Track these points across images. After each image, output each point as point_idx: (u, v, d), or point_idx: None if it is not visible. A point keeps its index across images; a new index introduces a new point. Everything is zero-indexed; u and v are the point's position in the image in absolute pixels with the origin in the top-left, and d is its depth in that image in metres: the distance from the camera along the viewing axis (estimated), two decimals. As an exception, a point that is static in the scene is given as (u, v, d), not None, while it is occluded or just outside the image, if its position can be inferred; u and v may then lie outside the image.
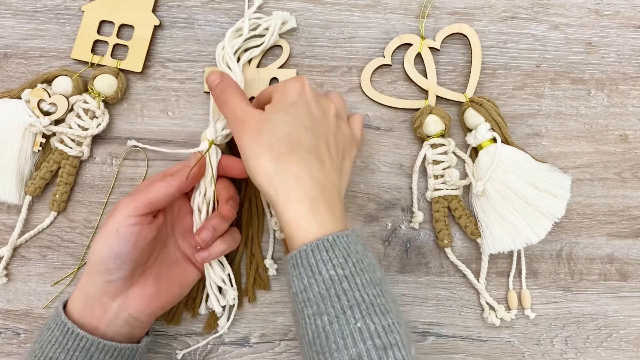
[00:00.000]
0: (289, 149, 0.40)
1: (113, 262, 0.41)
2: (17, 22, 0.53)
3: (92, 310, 0.42)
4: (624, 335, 0.52)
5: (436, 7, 0.55)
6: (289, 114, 0.41)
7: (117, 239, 0.41)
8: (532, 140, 0.54)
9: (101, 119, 0.51)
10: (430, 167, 0.52)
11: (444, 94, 0.53)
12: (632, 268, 0.53)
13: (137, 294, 0.43)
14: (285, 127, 0.40)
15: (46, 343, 0.41)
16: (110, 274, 0.41)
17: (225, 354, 0.51)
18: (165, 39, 0.54)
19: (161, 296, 0.44)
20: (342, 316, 0.35)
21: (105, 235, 0.41)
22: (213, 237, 0.44)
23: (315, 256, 0.37)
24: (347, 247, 0.38)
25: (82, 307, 0.42)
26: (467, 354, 0.52)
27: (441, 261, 0.52)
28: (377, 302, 0.36)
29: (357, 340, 0.35)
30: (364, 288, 0.36)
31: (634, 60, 0.55)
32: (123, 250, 0.41)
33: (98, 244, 0.41)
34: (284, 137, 0.40)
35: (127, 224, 0.41)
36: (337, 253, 0.37)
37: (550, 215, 0.48)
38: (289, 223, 0.39)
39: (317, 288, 0.36)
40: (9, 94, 0.51)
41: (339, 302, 0.36)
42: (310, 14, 0.54)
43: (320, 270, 0.37)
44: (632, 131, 0.54)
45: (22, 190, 0.51)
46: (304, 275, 0.37)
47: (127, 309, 0.42)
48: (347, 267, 0.37)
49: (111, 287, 0.42)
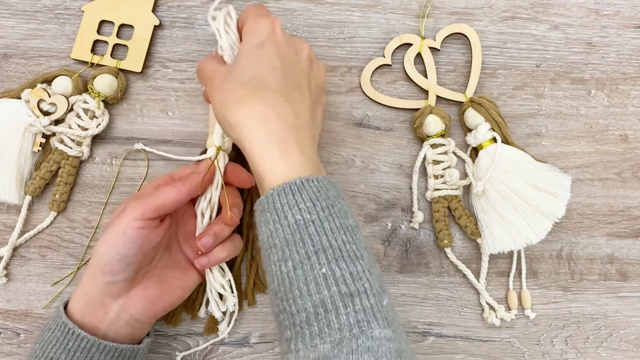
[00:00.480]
0: (253, 90, 0.37)
1: (118, 264, 0.41)
2: (17, 22, 0.53)
3: (94, 310, 0.42)
4: (624, 335, 0.52)
5: (436, 7, 0.55)
6: (254, 56, 0.39)
7: (123, 241, 0.40)
8: (532, 140, 0.54)
9: (101, 119, 0.51)
10: (430, 167, 0.52)
11: (444, 94, 0.53)
12: (632, 268, 0.53)
13: (139, 295, 0.43)
14: (249, 70, 0.38)
15: (47, 343, 0.41)
16: (114, 276, 0.41)
17: (225, 354, 0.51)
18: (165, 39, 0.54)
19: (163, 298, 0.44)
20: (306, 262, 0.33)
21: (111, 237, 0.41)
22: (214, 243, 0.44)
23: (282, 200, 0.35)
24: (317, 192, 0.35)
25: (83, 308, 0.42)
26: (467, 354, 0.52)
27: (441, 261, 0.52)
28: (347, 248, 0.34)
29: (322, 286, 0.33)
30: (332, 233, 0.34)
31: (634, 60, 0.55)
32: (128, 253, 0.41)
33: (103, 245, 0.41)
34: (248, 80, 0.38)
35: (135, 227, 0.41)
36: (304, 197, 0.35)
37: (550, 215, 0.48)
38: (256, 164, 0.36)
39: (283, 233, 0.34)
40: (9, 94, 0.51)
41: (304, 247, 0.34)
42: (310, 14, 0.54)
43: (286, 215, 0.34)
44: (632, 131, 0.54)
45: (22, 190, 0.51)
46: (270, 220, 0.35)
47: (129, 310, 0.42)
48: (315, 212, 0.34)
49: (114, 288, 0.42)
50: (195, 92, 0.53)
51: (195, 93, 0.53)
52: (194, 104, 0.53)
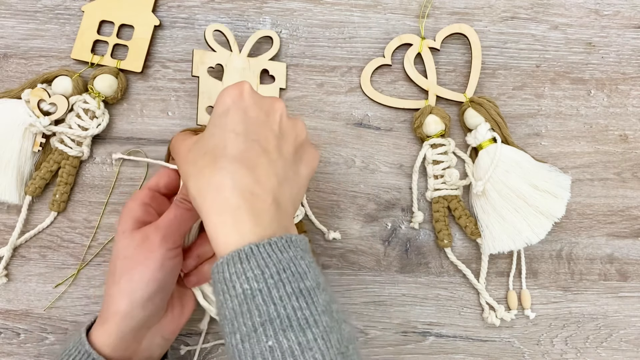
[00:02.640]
0: (212, 160, 0.36)
1: (160, 297, 0.41)
2: (17, 22, 0.53)
3: (128, 344, 0.41)
4: (624, 335, 0.52)
5: (436, 7, 0.55)
6: (217, 126, 0.38)
7: (163, 273, 0.40)
8: (532, 140, 0.54)
9: (101, 119, 0.51)
10: (430, 167, 0.52)
11: (444, 94, 0.53)
12: (632, 268, 0.53)
13: (169, 317, 0.43)
14: (212, 140, 0.37)
15: None
16: (156, 308, 0.41)
17: (225, 354, 0.51)
18: (165, 39, 0.54)
19: (185, 312, 0.45)
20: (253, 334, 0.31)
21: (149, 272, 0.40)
22: (197, 264, 0.44)
23: (230, 269, 0.33)
24: (268, 257, 0.33)
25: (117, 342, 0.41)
26: (467, 354, 0.52)
27: (441, 261, 0.52)
28: (297, 315, 0.32)
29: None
30: (281, 301, 0.32)
31: (634, 60, 0.55)
32: (168, 283, 0.41)
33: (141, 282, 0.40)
34: (210, 149, 0.37)
35: (170, 257, 0.41)
36: (252, 264, 0.33)
37: (550, 215, 0.48)
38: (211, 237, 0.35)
39: (232, 304, 0.33)
40: (9, 94, 0.51)
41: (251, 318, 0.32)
42: (310, 14, 0.54)
43: (234, 285, 0.33)
44: (632, 131, 0.54)
45: (22, 190, 0.51)
46: (219, 290, 0.34)
47: (160, 333, 0.43)
48: (263, 279, 0.32)
49: (153, 320, 0.42)
50: (195, 93, 0.53)
51: (195, 93, 0.53)
52: (194, 104, 0.53)
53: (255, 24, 0.54)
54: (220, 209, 0.34)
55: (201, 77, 0.52)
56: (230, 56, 0.52)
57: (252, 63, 0.52)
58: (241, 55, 0.52)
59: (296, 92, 0.53)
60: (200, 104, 0.51)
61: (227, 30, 0.52)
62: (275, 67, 0.53)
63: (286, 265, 0.33)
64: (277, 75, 0.52)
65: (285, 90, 0.53)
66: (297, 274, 0.33)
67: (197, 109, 0.52)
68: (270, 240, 0.34)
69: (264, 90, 0.52)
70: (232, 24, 0.54)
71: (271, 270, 0.33)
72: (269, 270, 0.33)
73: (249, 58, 0.52)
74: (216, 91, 0.51)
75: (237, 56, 0.52)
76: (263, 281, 0.32)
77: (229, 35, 0.52)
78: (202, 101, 0.51)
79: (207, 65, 0.52)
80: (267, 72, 0.53)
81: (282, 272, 0.33)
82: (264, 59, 0.53)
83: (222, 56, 0.52)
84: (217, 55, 0.52)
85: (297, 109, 0.53)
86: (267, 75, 0.53)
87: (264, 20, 0.54)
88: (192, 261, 0.44)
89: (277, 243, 0.34)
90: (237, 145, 0.36)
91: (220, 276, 0.33)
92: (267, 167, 0.36)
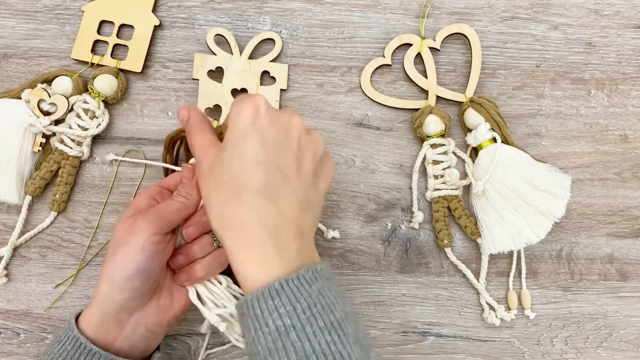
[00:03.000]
0: (236, 192, 0.36)
1: (139, 280, 0.40)
2: (17, 22, 0.53)
3: (109, 327, 0.41)
4: (624, 335, 0.52)
5: (436, 7, 0.55)
6: (236, 151, 0.37)
7: (144, 257, 0.40)
8: (532, 140, 0.54)
9: (101, 119, 0.51)
10: (430, 167, 0.52)
11: (444, 94, 0.53)
12: (632, 268, 0.53)
13: (154, 307, 0.43)
14: (232, 167, 0.37)
15: (57, 356, 0.40)
16: (134, 291, 0.41)
17: (225, 353, 0.51)
18: (165, 39, 0.54)
19: (175, 306, 0.44)
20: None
21: (131, 254, 0.40)
22: (186, 262, 0.44)
23: (261, 306, 0.34)
24: (298, 292, 0.34)
25: (98, 324, 0.41)
26: (467, 354, 0.52)
27: (441, 261, 0.52)
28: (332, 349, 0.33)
29: None
30: (315, 337, 0.33)
31: (634, 60, 0.55)
32: (149, 268, 0.40)
33: (122, 263, 0.40)
34: (231, 178, 0.37)
35: (153, 242, 0.40)
36: (283, 300, 0.34)
37: (550, 215, 0.48)
38: (237, 272, 0.36)
39: (265, 341, 0.33)
40: (9, 94, 0.51)
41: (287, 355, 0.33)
42: (310, 14, 0.54)
43: (266, 321, 0.34)
44: (632, 131, 0.54)
45: (22, 190, 0.51)
46: (251, 326, 0.34)
47: (144, 323, 0.42)
48: (295, 315, 0.33)
49: (132, 304, 0.41)
50: (195, 92, 0.53)
51: (195, 93, 0.53)
52: (193, 104, 0.53)
53: (255, 24, 0.54)
54: (246, 245, 0.35)
55: (201, 79, 0.52)
56: (230, 59, 0.52)
57: (253, 65, 0.52)
58: (242, 57, 0.52)
59: (296, 92, 0.54)
60: (200, 106, 0.52)
61: (228, 34, 0.52)
62: (277, 68, 0.53)
63: (316, 298, 0.34)
64: (278, 76, 0.53)
65: (286, 91, 0.53)
66: (327, 307, 0.34)
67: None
68: (299, 274, 0.35)
69: (264, 91, 0.52)
70: (232, 24, 0.54)
71: (302, 305, 0.34)
72: (300, 305, 0.34)
73: (249, 60, 0.52)
74: (215, 93, 0.51)
75: (237, 59, 0.52)
76: (296, 317, 0.33)
77: (230, 39, 0.52)
78: (202, 103, 0.52)
79: (207, 69, 0.52)
80: (267, 72, 0.53)
81: (313, 306, 0.34)
82: (265, 60, 0.53)
83: (223, 59, 0.52)
84: (217, 59, 0.52)
85: (297, 109, 0.53)
86: (267, 76, 0.53)
87: (264, 20, 0.54)
88: (182, 258, 0.43)
89: (305, 276, 0.35)
90: (258, 176, 0.36)
91: (250, 312, 0.34)
92: (290, 197, 0.37)
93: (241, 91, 0.52)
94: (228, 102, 0.52)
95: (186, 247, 0.44)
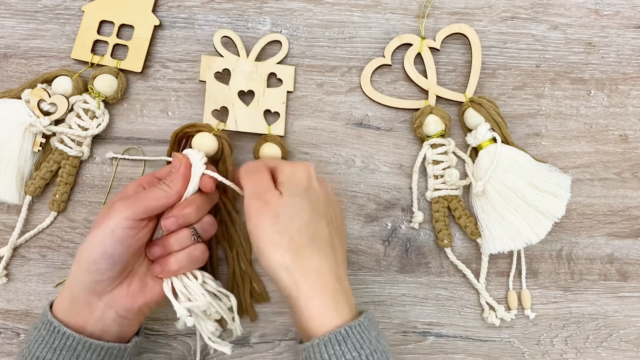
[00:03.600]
0: (309, 240, 0.40)
1: (105, 263, 0.40)
2: (17, 22, 0.53)
3: (79, 309, 0.41)
4: (624, 335, 0.52)
5: (436, 7, 0.55)
6: (305, 200, 0.41)
7: (112, 240, 0.40)
8: (532, 140, 0.54)
9: (101, 119, 0.51)
10: (430, 167, 0.52)
11: (444, 94, 0.53)
12: (632, 268, 0.53)
13: (124, 292, 0.43)
14: (304, 215, 0.40)
15: (33, 342, 0.40)
16: (100, 274, 0.41)
17: (225, 353, 0.51)
18: (165, 39, 0.54)
19: (146, 293, 0.44)
20: None
21: (100, 236, 0.40)
22: (162, 253, 0.44)
23: (329, 351, 0.37)
24: (361, 338, 0.38)
25: (69, 307, 0.42)
26: (467, 354, 0.52)
27: (441, 261, 0.52)
28: None
29: None
30: None
31: (634, 60, 0.55)
32: (116, 252, 0.41)
33: (90, 244, 0.41)
34: (304, 226, 0.40)
35: (124, 227, 0.41)
36: (349, 346, 0.37)
37: (550, 215, 0.48)
38: (311, 318, 0.39)
39: None
40: (9, 94, 0.51)
41: None
42: (310, 14, 0.54)
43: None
44: (632, 131, 0.54)
45: (22, 190, 0.51)
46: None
47: (114, 307, 0.42)
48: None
49: (99, 287, 0.41)
50: (195, 92, 0.53)
51: (195, 93, 0.53)
52: (194, 104, 0.53)
53: (255, 24, 0.54)
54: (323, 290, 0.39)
55: (208, 81, 0.52)
56: (237, 61, 0.52)
57: (260, 67, 0.52)
58: (249, 59, 0.52)
59: (296, 92, 0.54)
60: (206, 108, 0.51)
61: (235, 36, 0.52)
62: (284, 70, 0.53)
63: (375, 345, 0.38)
64: (285, 78, 0.53)
65: (292, 92, 0.53)
66: (383, 353, 0.38)
67: (203, 113, 0.52)
68: (360, 322, 0.38)
69: (271, 93, 0.52)
70: (232, 24, 0.54)
71: (365, 351, 0.37)
72: (364, 351, 0.37)
73: (256, 62, 0.52)
74: (222, 95, 0.52)
75: (244, 60, 0.52)
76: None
77: (237, 41, 0.52)
78: (209, 105, 0.51)
79: (214, 70, 0.52)
80: (274, 74, 0.53)
81: (375, 352, 0.37)
82: (272, 62, 0.53)
83: (230, 61, 0.52)
84: (224, 61, 0.52)
85: (297, 109, 0.53)
86: (274, 78, 0.53)
87: (264, 20, 0.54)
88: (157, 249, 0.44)
89: (364, 323, 0.39)
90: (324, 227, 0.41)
91: (317, 356, 0.37)
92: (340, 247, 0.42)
93: (248, 93, 0.52)
94: (235, 104, 0.52)
95: (163, 239, 0.44)
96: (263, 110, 0.52)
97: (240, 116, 0.52)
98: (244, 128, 0.51)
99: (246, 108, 0.52)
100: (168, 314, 0.51)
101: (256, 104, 0.52)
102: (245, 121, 0.52)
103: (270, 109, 0.52)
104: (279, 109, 0.52)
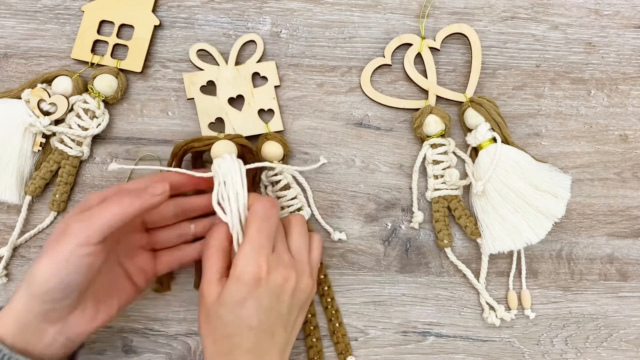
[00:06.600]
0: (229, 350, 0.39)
1: (61, 293, 0.37)
2: (17, 22, 0.53)
3: (28, 336, 0.39)
4: (624, 335, 0.52)
5: (436, 7, 0.55)
6: (233, 314, 0.39)
7: (68, 271, 0.37)
8: (532, 140, 0.54)
9: (101, 119, 0.51)
10: (430, 167, 0.52)
11: (444, 94, 0.53)
12: (632, 268, 0.53)
13: (77, 318, 0.40)
14: (227, 328, 0.39)
15: None
16: (55, 303, 0.38)
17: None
18: (165, 39, 0.54)
19: (99, 316, 0.42)
20: None
21: (54, 264, 0.37)
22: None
23: None
24: None
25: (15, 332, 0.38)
26: (467, 354, 0.52)
27: (441, 261, 0.52)
28: None
29: None
30: None
31: (634, 60, 0.55)
32: (73, 282, 0.37)
33: (44, 274, 0.37)
34: (225, 337, 0.39)
35: (79, 255, 0.37)
36: None
37: (550, 215, 0.48)
38: None
39: None
40: (9, 94, 0.51)
41: None
42: (310, 14, 0.54)
43: None
44: (632, 131, 0.54)
45: (22, 190, 0.51)
46: None
47: (66, 333, 0.40)
48: None
49: (52, 315, 0.39)
50: (195, 92, 0.53)
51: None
52: (194, 104, 0.53)
53: (255, 24, 0.54)
54: None
55: (196, 98, 0.52)
56: (218, 70, 0.52)
57: (241, 70, 0.52)
58: (229, 66, 0.52)
59: (296, 92, 0.54)
60: (202, 123, 0.51)
61: (210, 47, 0.52)
62: (265, 67, 0.53)
63: None
64: (269, 74, 0.53)
65: (280, 87, 0.53)
66: None
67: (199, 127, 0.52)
68: None
69: (259, 93, 0.52)
70: (232, 24, 0.54)
71: None
72: None
73: (237, 66, 0.52)
74: (213, 107, 0.52)
75: (225, 68, 0.52)
76: None
77: (212, 50, 0.52)
78: (203, 120, 0.51)
79: (198, 85, 0.52)
80: (257, 74, 0.53)
81: None
82: (251, 62, 0.53)
83: (211, 72, 0.52)
84: (205, 73, 0.52)
85: (297, 109, 0.53)
86: (258, 77, 0.53)
87: (264, 20, 0.54)
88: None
89: None
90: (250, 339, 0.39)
91: None
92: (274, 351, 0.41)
93: (237, 98, 0.52)
94: (228, 112, 0.52)
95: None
96: (256, 110, 0.52)
97: (237, 122, 0.52)
98: (243, 133, 0.51)
99: (240, 113, 0.52)
100: (168, 314, 0.51)
101: (248, 106, 0.52)
102: (242, 126, 0.52)
103: (264, 107, 0.52)
104: (271, 105, 0.52)
